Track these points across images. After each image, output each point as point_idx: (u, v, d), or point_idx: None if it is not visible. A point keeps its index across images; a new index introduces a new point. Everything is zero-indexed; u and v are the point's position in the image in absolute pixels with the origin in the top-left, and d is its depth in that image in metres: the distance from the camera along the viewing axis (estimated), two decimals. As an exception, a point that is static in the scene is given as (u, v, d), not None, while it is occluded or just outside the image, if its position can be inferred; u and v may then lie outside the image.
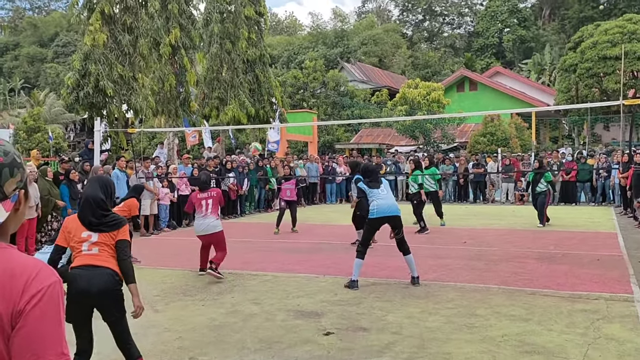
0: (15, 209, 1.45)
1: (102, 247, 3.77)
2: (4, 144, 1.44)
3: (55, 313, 1.37)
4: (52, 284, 1.39)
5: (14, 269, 1.36)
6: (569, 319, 5.62)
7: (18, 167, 1.43)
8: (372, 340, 5.07)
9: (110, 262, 3.77)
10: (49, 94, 43.80)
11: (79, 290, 3.66)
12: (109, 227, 3.83)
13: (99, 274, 3.68)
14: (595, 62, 29.13)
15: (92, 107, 14.23)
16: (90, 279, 3.66)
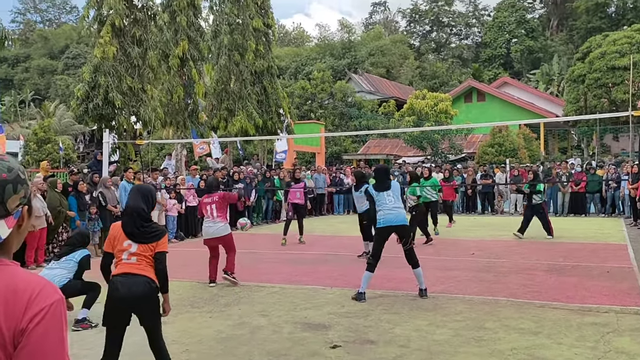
0: (18, 225, 1.44)
1: (140, 258, 3.99)
2: (8, 160, 1.43)
3: (58, 331, 1.36)
4: (55, 302, 1.37)
5: (17, 286, 1.35)
6: (578, 332, 5.56)
7: (22, 184, 1.42)
8: (380, 354, 5.04)
9: (147, 270, 3.98)
10: (59, 106, 44.18)
11: (119, 296, 3.89)
12: (148, 239, 4.03)
13: (138, 281, 3.90)
14: (603, 73, 29.06)
15: (101, 119, 14.34)
16: (130, 287, 3.88)
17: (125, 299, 3.88)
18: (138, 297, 3.89)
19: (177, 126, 17.07)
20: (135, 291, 3.89)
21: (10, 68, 64.27)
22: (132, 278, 3.91)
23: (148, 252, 4.02)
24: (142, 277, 3.93)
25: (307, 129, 28.77)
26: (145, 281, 3.93)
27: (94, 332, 5.95)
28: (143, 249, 4.01)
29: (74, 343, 5.57)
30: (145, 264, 3.99)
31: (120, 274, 3.95)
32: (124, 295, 3.88)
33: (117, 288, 3.91)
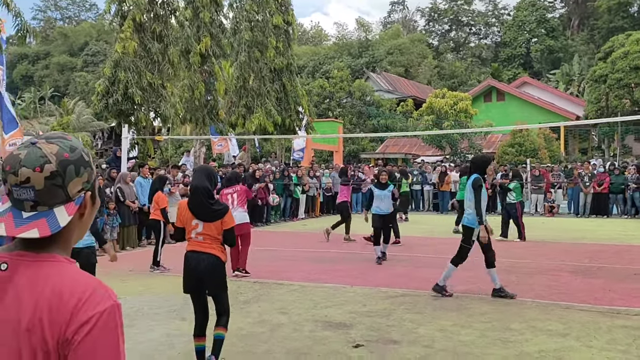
0: (80, 213, 1.26)
1: (206, 236, 4.52)
2: (72, 140, 1.27)
3: (111, 344, 1.17)
4: (108, 308, 1.18)
5: (63, 289, 1.17)
6: (609, 335, 5.38)
7: (85, 166, 1.25)
8: (404, 354, 4.92)
9: (212, 248, 4.52)
10: (78, 102, 44.53)
11: (190, 268, 4.54)
12: (213, 217, 4.51)
13: (204, 258, 4.48)
14: (626, 73, 28.57)
15: (120, 115, 14.35)
16: (198, 261, 4.49)
17: (194, 270, 4.50)
18: (204, 270, 4.46)
19: (196, 123, 17.05)
20: (202, 265, 4.47)
21: (30, 65, 65.00)
22: (200, 255, 4.49)
23: (214, 232, 4.52)
24: (207, 254, 4.49)
25: (325, 127, 28.66)
26: (209, 257, 4.48)
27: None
28: (208, 228, 4.51)
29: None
30: (211, 241, 4.52)
31: (190, 250, 4.57)
32: (193, 268, 4.51)
33: (188, 262, 4.55)
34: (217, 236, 4.55)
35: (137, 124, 14.83)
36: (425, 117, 29.34)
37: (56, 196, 1.21)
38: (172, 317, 6.30)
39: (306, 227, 16.23)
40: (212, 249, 4.51)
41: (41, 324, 1.14)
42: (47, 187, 1.19)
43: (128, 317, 6.30)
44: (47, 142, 1.23)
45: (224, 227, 4.55)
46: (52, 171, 1.20)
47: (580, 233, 13.83)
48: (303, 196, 18.68)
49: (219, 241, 4.56)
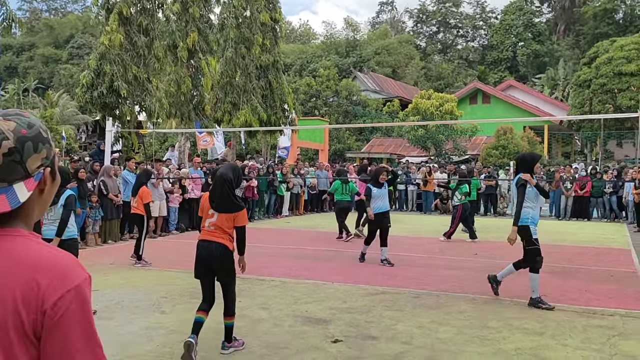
0: (40, 189, 1.27)
1: (217, 227, 4.85)
2: (29, 116, 1.27)
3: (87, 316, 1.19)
4: (82, 282, 1.20)
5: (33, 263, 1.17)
6: (584, 334, 5.48)
7: (44, 142, 1.26)
8: (382, 350, 4.96)
9: (222, 238, 4.83)
10: (63, 95, 44.09)
11: (200, 256, 4.87)
12: (228, 209, 4.84)
13: (214, 246, 4.82)
14: (610, 78, 28.94)
15: (105, 108, 14.21)
16: (209, 249, 4.82)
17: (204, 257, 4.84)
18: (213, 257, 4.81)
19: (181, 118, 16.96)
20: (212, 252, 4.81)
21: (15, 56, 64.15)
22: (210, 243, 4.83)
23: (225, 224, 4.83)
24: (217, 243, 4.81)
25: (311, 125, 28.68)
26: (219, 246, 4.80)
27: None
28: (221, 221, 4.83)
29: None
30: (222, 232, 4.83)
31: (202, 239, 4.91)
32: (204, 255, 4.84)
33: (200, 250, 4.88)
34: (227, 229, 4.86)
35: (122, 118, 14.71)
36: (410, 117, 29.47)
37: (15, 172, 1.22)
38: (152, 310, 6.29)
39: (289, 224, 16.25)
40: (221, 239, 4.83)
41: (13, 297, 1.14)
42: (5, 163, 1.20)
43: (108, 309, 6.28)
44: (4, 119, 1.23)
45: (236, 224, 4.89)
46: (10, 147, 1.20)
47: (561, 235, 13.98)
48: (287, 194, 18.70)
49: (228, 234, 4.87)
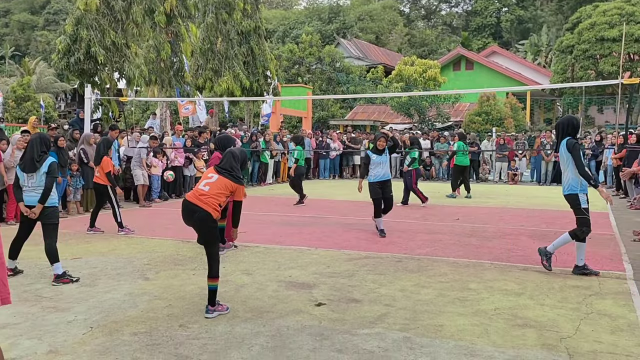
0: None
1: (213, 189, 4.93)
2: None
3: None
4: None
5: None
6: (561, 294, 5.60)
7: None
8: (365, 312, 5.03)
9: (209, 205, 4.88)
10: (40, 63, 43.14)
11: (184, 215, 5.01)
12: (230, 175, 5.00)
13: (197, 210, 4.89)
14: (592, 44, 28.98)
15: (82, 74, 13.92)
16: (191, 212, 4.93)
17: (185, 217, 5.01)
18: (195, 221, 4.93)
19: (162, 84, 16.70)
20: (193, 217, 4.92)
21: (-11, 23, 62.45)
22: (194, 207, 4.90)
23: (222, 188, 4.95)
24: (200, 208, 4.87)
25: (294, 92, 28.44)
26: (201, 211, 4.86)
27: (76, 287, 5.87)
28: (219, 185, 4.94)
29: (54, 296, 5.50)
30: (212, 198, 4.90)
31: (189, 200, 4.97)
32: (185, 215, 4.99)
33: (184, 209, 5.01)
34: (222, 191, 4.94)
35: (101, 85, 14.45)
36: (394, 84, 29.36)
37: None
38: (136, 277, 6.29)
39: (273, 191, 16.25)
40: (206, 205, 4.88)
41: None
42: None
43: (91, 276, 6.28)
44: None
45: (235, 198, 5.08)
46: None
47: (541, 200, 14.19)
48: (271, 161, 18.66)
49: (218, 200, 4.93)
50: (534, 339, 4.35)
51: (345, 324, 4.70)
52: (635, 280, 6.16)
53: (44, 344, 4.25)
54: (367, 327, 4.62)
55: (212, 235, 4.95)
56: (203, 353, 4.05)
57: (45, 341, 4.30)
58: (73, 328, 4.60)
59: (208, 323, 4.72)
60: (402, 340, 4.32)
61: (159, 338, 4.36)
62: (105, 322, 4.74)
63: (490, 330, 4.55)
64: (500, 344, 4.24)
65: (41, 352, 4.09)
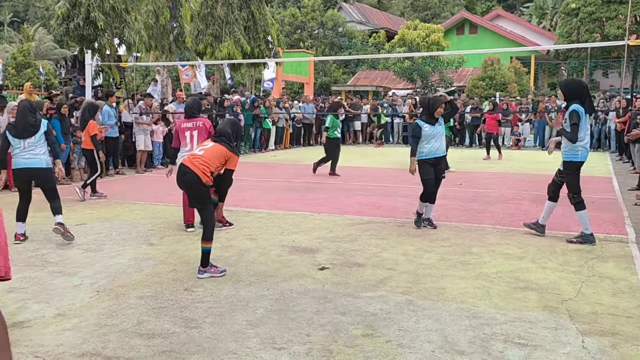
0: None
1: (207, 154, 5.00)
2: None
3: None
4: None
5: None
6: (563, 257, 5.64)
7: None
8: (367, 275, 5.08)
9: (199, 169, 4.92)
10: (39, 29, 42.66)
11: (178, 178, 5.14)
12: (226, 143, 5.08)
13: (188, 172, 4.96)
14: (598, 6, 28.50)
15: (82, 40, 13.75)
16: (183, 174, 5.02)
17: (178, 182, 5.16)
18: (184, 184, 5.07)
19: (162, 50, 16.52)
20: (184, 179, 5.02)
21: (-14, -12, 61.50)
22: (186, 169, 4.98)
23: (215, 156, 4.99)
24: (191, 172, 4.93)
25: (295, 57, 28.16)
26: (192, 175, 4.93)
27: (82, 252, 5.93)
28: (214, 151, 5.01)
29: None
30: (205, 162, 4.95)
31: (183, 163, 5.08)
32: (178, 178, 5.11)
33: (178, 172, 5.15)
34: (216, 157, 5.00)
35: (101, 51, 14.29)
36: (397, 48, 29.01)
37: None
38: (140, 242, 6.34)
39: (276, 157, 16.25)
40: (197, 169, 4.93)
41: None
42: None
43: (96, 242, 6.33)
44: None
45: (227, 166, 5.10)
46: None
47: (545, 165, 14.12)
48: (273, 127, 18.59)
49: (210, 166, 4.96)
50: (535, 302, 4.40)
51: (348, 288, 4.75)
52: (637, 244, 6.19)
53: (52, 307, 4.31)
54: (370, 291, 4.67)
55: (202, 198, 5.04)
56: (208, 316, 4.11)
57: (52, 304, 4.36)
58: (80, 292, 4.66)
59: (213, 287, 4.78)
60: (404, 303, 4.37)
61: (164, 301, 4.42)
62: (111, 286, 4.79)
63: (492, 293, 4.59)
64: (501, 307, 4.29)
65: (49, 315, 4.15)
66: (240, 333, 3.80)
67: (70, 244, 6.20)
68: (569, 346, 3.59)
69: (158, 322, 3.99)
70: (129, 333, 3.80)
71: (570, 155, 6.43)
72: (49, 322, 4.02)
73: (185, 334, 3.79)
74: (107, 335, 3.77)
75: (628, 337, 3.73)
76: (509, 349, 3.54)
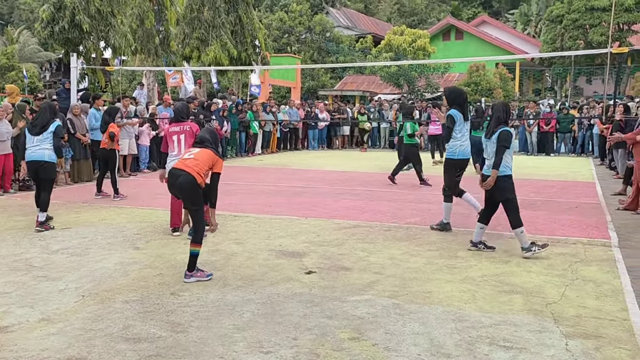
0: None
1: (197, 156, 5.08)
2: None
3: None
4: None
5: None
6: (547, 261, 5.70)
7: None
8: (354, 279, 5.10)
9: (193, 170, 4.99)
10: (23, 32, 42.27)
11: (170, 183, 5.18)
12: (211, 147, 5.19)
13: (182, 174, 5.01)
14: (582, 13, 28.87)
15: (67, 43, 13.66)
16: (176, 177, 5.04)
17: (171, 185, 5.18)
18: (179, 186, 5.04)
19: (148, 54, 16.46)
20: (178, 181, 5.03)
21: (-31, -10, 60.81)
22: (179, 172, 5.02)
23: (204, 160, 5.07)
24: (186, 173, 4.99)
25: (283, 62, 28.16)
26: (187, 176, 4.98)
27: (67, 256, 5.88)
28: (202, 155, 5.09)
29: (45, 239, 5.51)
30: (198, 169, 5.02)
31: (175, 167, 5.14)
32: (171, 183, 5.13)
33: (171, 177, 5.16)
34: (205, 160, 5.08)
35: (86, 54, 14.21)
36: (383, 54, 29.14)
37: None
38: (126, 246, 6.30)
39: (262, 162, 16.24)
40: (192, 170, 4.99)
41: None
42: None
43: (82, 246, 6.28)
44: None
45: (213, 170, 5.15)
46: None
47: (530, 170, 14.28)
48: (260, 132, 18.57)
49: (201, 167, 5.05)
50: (521, 305, 4.44)
51: (335, 292, 4.76)
52: (619, 248, 6.27)
53: (36, 311, 4.27)
54: (357, 294, 4.68)
55: (197, 200, 5.06)
56: (195, 320, 4.10)
57: (37, 309, 4.32)
58: (65, 296, 4.63)
59: (199, 291, 4.76)
60: (391, 307, 4.39)
61: (150, 306, 4.40)
62: (96, 291, 4.76)
63: (478, 297, 4.63)
64: (487, 310, 4.32)
65: (33, 319, 4.11)
66: (227, 337, 3.80)
67: (55, 249, 6.14)
68: (553, 349, 3.63)
69: (144, 327, 3.97)
70: (114, 337, 3.78)
71: (449, 153, 7.03)
72: (34, 326, 3.98)
73: (172, 338, 3.78)
74: (93, 339, 3.75)
75: (611, 339, 3.78)
76: (494, 352, 3.57)
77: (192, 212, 5.15)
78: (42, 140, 7.22)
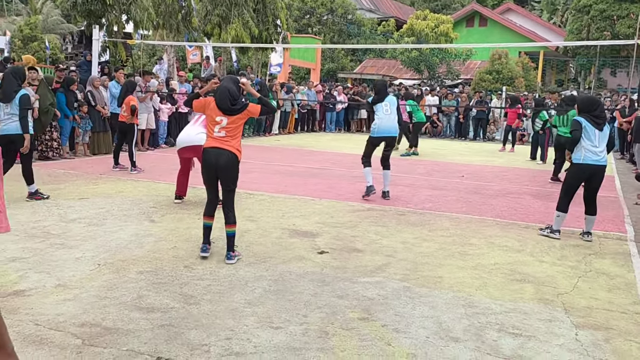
0: None
1: (228, 131, 4.96)
2: None
3: None
4: None
5: None
6: (561, 252, 5.67)
7: None
8: (366, 261, 5.12)
9: (231, 144, 4.96)
10: (46, 2, 42.44)
11: (209, 164, 4.97)
12: (237, 111, 4.98)
13: (224, 153, 4.93)
14: (610, 4, 28.32)
15: (90, 15, 13.69)
16: (218, 155, 4.92)
17: (212, 165, 4.95)
18: (221, 166, 4.93)
19: (170, 29, 16.46)
20: (221, 160, 4.92)
21: (-5, -41, 61.09)
22: (219, 150, 4.92)
23: (238, 122, 5.00)
24: (227, 150, 4.93)
25: (303, 43, 28.00)
26: (229, 153, 4.93)
27: (84, 226, 5.97)
28: (232, 121, 4.96)
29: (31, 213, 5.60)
30: (231, 138, 4.97)
31: (210, 146, 4.97)
32: (212, 163, 4.94)
33: (209, 156, 4.96)
34: (237, 132, 5.02)
35: (109, 27, 14.23)
36: (405, 38, 28.86)
37: None
38: (142, 219, 6.38)
39: (279, 142, 16.25)
40: (230, 147, 4.95)
41: None
42: None
43: (98, 217, 6.37)
44: None
45: (252, 115, 5.14)
46: None
47: (548, 161, 14.13)
48: (278, 112, 18.55)
49: (238, 139, 5.03)
50: (531, 294, 4.44)
51: (346, 272, 4.79)
52: (635, 242, 6.22)
53: (52, 277, 4.36)
54: (368, 276, 4.71)
55: (236, 178, 5.07)
56: (207, 293, 4.16)
57: (53, 275, 4.41)
58: (81, 264, 4.71)
59: (212, 265, 4.82)
60: (401, 290, 4.41)
61: (164, 277, 4.47)
62: (112, 260, 4.84)
63: (489, 284, 4.63)
64: (497, 297, 4.33)
65: (50, 285, 4.20)
66: (238, 311, 3.85)
67: (73, 218, 6.24)
68: (562, 338, 3.63)
69: (157, 297, 4.03)
70: (128, 306, 3.85)
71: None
72: (50, 292, 4.07)
73: (184, 309, 3.84)
74: (107, 307, 3.82)
75: (621, 332, 3.77)
76: (502, 338, 3.58)
77: (229, 191, 5.04)
78: (13, 112, 6.91)
